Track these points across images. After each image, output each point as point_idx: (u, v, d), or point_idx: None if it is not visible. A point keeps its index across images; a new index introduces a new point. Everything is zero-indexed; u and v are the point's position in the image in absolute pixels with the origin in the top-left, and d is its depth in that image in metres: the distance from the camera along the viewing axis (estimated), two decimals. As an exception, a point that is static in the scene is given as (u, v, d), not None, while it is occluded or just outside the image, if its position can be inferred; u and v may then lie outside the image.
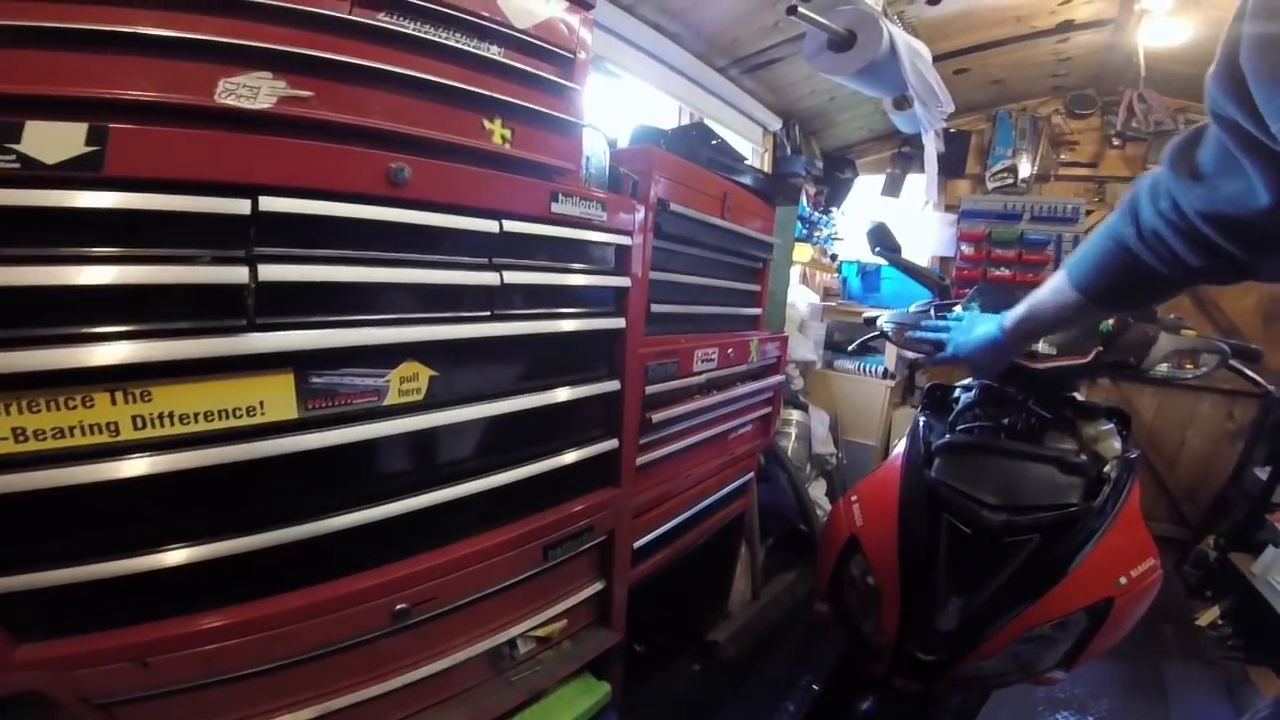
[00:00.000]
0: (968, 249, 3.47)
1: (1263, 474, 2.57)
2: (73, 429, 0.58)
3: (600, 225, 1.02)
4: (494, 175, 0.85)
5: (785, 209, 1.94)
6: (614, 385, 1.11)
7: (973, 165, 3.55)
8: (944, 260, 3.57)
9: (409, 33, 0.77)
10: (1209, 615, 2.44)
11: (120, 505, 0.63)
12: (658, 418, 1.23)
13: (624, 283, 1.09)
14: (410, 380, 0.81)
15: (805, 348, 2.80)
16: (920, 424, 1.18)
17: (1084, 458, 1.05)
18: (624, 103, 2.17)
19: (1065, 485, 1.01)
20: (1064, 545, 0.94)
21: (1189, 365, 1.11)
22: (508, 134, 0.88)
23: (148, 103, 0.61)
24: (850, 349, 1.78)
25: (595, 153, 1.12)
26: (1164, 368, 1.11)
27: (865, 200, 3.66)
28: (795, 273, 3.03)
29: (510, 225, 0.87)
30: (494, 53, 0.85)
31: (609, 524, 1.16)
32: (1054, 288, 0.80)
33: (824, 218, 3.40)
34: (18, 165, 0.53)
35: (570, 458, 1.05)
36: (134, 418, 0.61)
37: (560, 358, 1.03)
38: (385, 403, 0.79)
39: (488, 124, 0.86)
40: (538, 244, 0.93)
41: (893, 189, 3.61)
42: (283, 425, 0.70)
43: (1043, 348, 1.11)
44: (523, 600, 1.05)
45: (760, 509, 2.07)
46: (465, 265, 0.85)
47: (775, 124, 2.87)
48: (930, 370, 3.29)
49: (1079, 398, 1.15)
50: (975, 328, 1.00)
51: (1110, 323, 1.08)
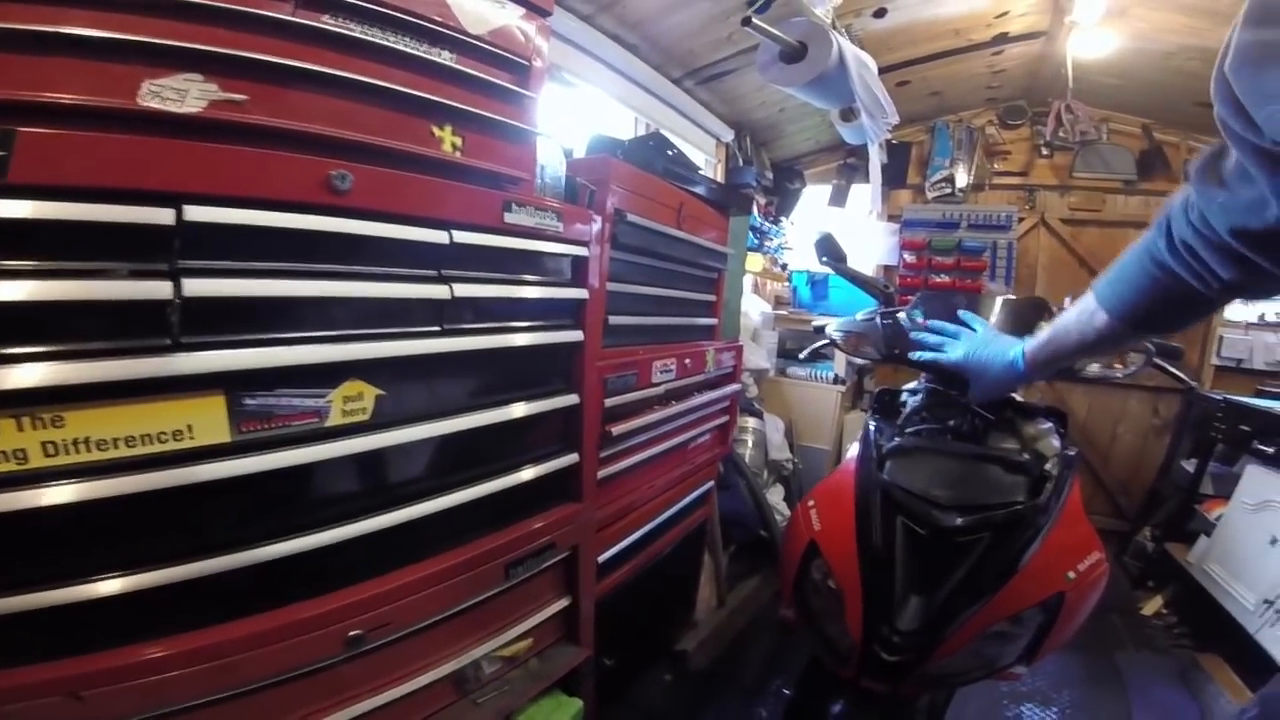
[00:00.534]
0: (910, 257, 3.61)
1: (1189, 466, 2.68)
2: (-30, 458, 0.53)
3: (556, 236, 1.00)
4: (443, 184, 0.83)
5: (739, 219, 1.97)
6: (573, 399, 1.09)
7: (914, 175, 3.69)
8: (888, 269, 3.69)
9: (355, 36, 0.74)
10: (1153, 605, 2.53)
11: (41, 535, 0.58)
12: (618, 430, 1.21)
13: (581, 294, 1.07)
14: (355, 400, 0.77)
15: (759, 356, 2.84)
16: (871, 428, 1.20)
17: (1027, 456, 1.09)
18: (580, 112, 2.16)
19: (1011, 484, 1.04)
20: (1014, 542, 0.96)
21: (1119, 365, 1.17)
22: (459, 141, 0.86)
23: (63, 106, 0.57)
24: (802, 356, 1.80)
25: (550, 162, 1.11)
26: (1095, 367, 1.17)
27: (813, 210, 3.75)
28: (748, 282, 3.08)
29: (461, 236, 0.85)
30: (445, 58, 0.84)
31: (572, 539, 1.13)
32: (1081, 311, 0.77)
33: (774, 228, 3.48)
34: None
35: (529, 474, 1.02)
36: (44, 444, 0.56)
37: (516, 372, 1.01)
38: (328, 423, 0.75)
39: (437, 131, 0.84)
40: (490, 255, 0.91)
41: (839, 199, 3.73)
42: (214, 449, 0.66)
43: None
44: (486, 620, 1.01)
45: (721, 517, 2.08)
46: (413, 278, 0.82)
47: (728, 135, 2.92)
48: (878, 374, 3.40)
49: (1018, 398, 1.20)
50: (987, 348, 0.99)
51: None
